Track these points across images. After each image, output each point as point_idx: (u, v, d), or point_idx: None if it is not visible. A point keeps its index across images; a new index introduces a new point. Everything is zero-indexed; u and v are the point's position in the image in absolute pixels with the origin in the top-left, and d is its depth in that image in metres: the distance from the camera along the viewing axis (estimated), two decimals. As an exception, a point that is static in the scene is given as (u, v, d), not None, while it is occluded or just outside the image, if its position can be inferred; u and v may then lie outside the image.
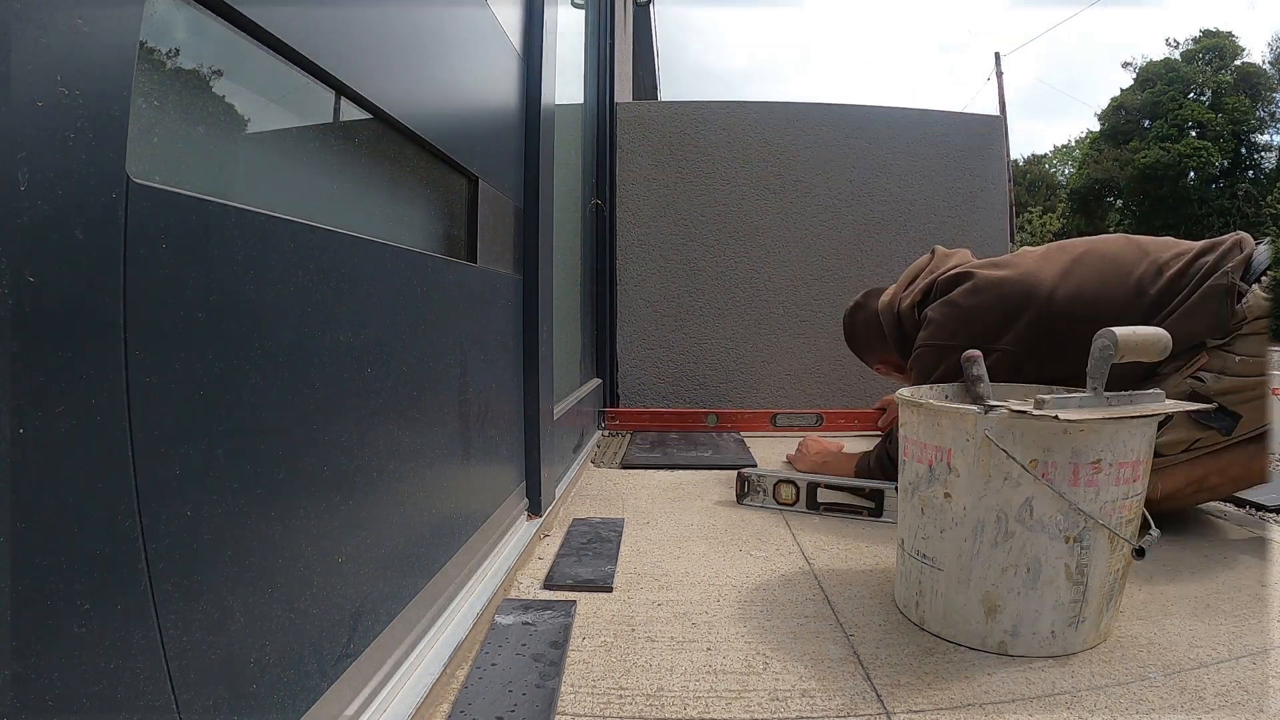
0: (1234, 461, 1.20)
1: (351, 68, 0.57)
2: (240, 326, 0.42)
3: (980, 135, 2.49)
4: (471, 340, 0.86)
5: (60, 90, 0.29)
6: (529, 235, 1.13)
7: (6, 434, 0.28)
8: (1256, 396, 1.20)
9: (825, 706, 0.65)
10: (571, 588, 0.93)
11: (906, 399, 0.84)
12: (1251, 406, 1.19)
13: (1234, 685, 0.68)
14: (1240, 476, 1.20)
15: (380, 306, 0.61)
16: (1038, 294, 1.32)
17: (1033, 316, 1.30)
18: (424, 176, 0.79)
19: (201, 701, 0.38)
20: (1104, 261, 1.35)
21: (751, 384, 2.44)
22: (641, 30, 5.52)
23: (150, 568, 0.35)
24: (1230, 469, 1.20)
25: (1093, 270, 1.33)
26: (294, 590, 0.48)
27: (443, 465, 0.77)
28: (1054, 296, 1.30)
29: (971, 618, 0.76)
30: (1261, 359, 1.20)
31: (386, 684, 0.61)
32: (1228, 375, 1.21)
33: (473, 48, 0.89)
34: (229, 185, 0.49)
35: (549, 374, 1.21)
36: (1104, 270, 1.33)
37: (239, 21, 0.44)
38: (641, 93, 6.26)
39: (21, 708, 0.28)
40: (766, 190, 2.44)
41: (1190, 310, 1.26)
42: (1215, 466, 1.20)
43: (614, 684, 0.69)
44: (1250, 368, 1.20)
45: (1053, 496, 0.72)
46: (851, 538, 1.15)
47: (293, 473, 0.48)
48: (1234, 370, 1.21)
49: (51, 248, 0.29)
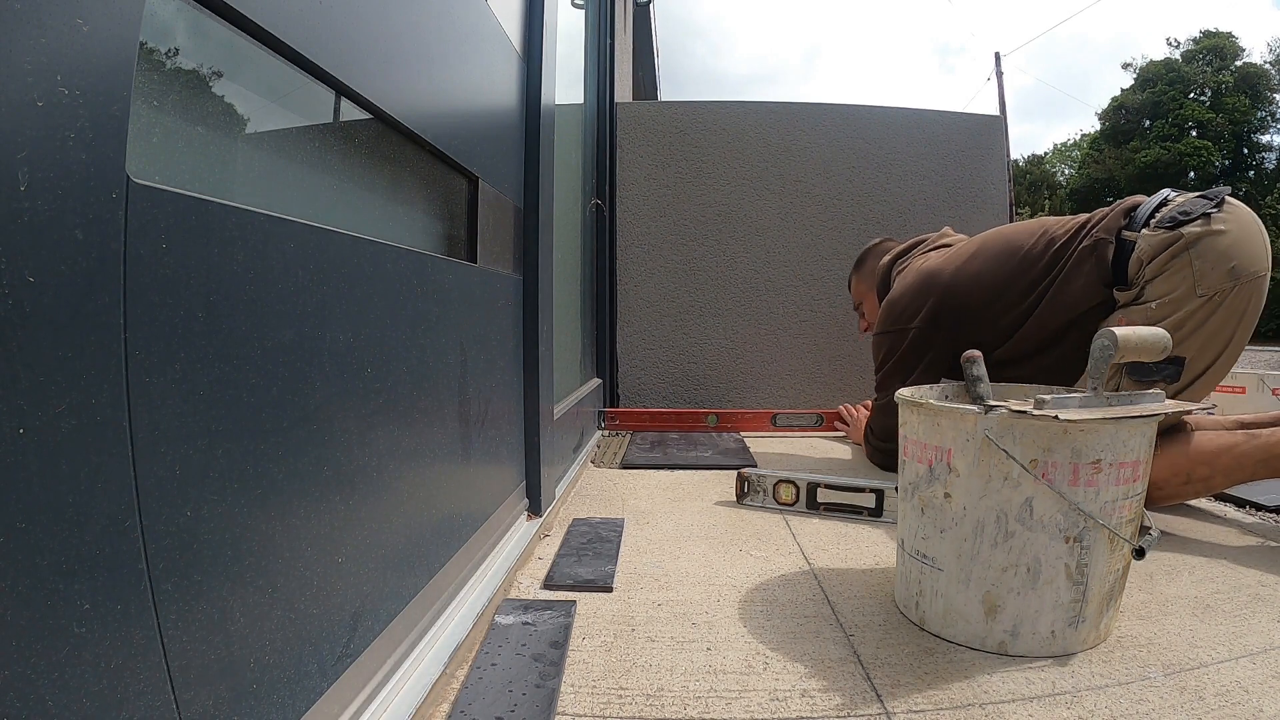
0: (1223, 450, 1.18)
1: (351, 68, 0.57)
2: (240, 326, 0.42)
3: (980, 135, 2.49)
4: (471, 340, 0.86)
5: (60, 90, 0.29)
6: (529, 235, 1.13)
7: (6, 434, 0.28)
8: (1192, 330, 1.18)
9: (825, 706, 0.65)
10: (571, 588, 0.93)
11: (906, 399, 0.84)
12: (1191, 342, 1.18)
13: (1234, 685, 0.68)
14: (1233, 468, 1.17)
15: (380, 306, 0.61)
16: (938, 281, 1.53)
17: (934, 301, 1.51)
18: (424, 176, 0.79)
19: (201, 701, 0.38)
20: (1002, 242, 1.47)
21: (751, 384, 2.44)
22: (641, 30, 5.52)
23: (150, 568, 0.35)
24: (1219, 459, 1.18)
25: (990, 253, 1.48)
26: (294, 590, 0.48)
27: (443, 465, 0.77)
28: (949, 281, 1.50)
29: (971, 618, 0.76)
30: (1177, 293, 1.18)
31: (386, 684, 0.61)
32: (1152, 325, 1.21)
33: (473, 48, 0.89)
34: (229, 185, 0.49)
35: (549, 374, 1.21)
36: (999, 251, 1.46)
37: (239, 21, 0.44)
38: (641, 93, 6.26)
39: (21, 707, 0.28)
40: (767, 190, 2.44)
41: (1068, 276, 1.31)
42: (1201, 456, 1.19)
43: (614, 684, 0.69)
44: (1170, 307, 1.19)
45: (1053, 496, 0.72)
46: (851, 538, 1.15)
47: (293, 473, 0.48)
48: (1155, 318, 1.19)
49: (51, 248, 0.29)
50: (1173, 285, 1.19)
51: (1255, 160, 24.87)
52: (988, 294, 1.43)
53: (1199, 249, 1.18)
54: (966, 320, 1.46)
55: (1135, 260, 1.23)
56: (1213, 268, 1.17)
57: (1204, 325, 1.18)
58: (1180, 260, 1.18)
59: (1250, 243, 1.18)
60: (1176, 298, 1.19)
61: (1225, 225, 1.18)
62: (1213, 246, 1.17)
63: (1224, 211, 1.20)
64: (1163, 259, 1.20)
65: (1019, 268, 1.39)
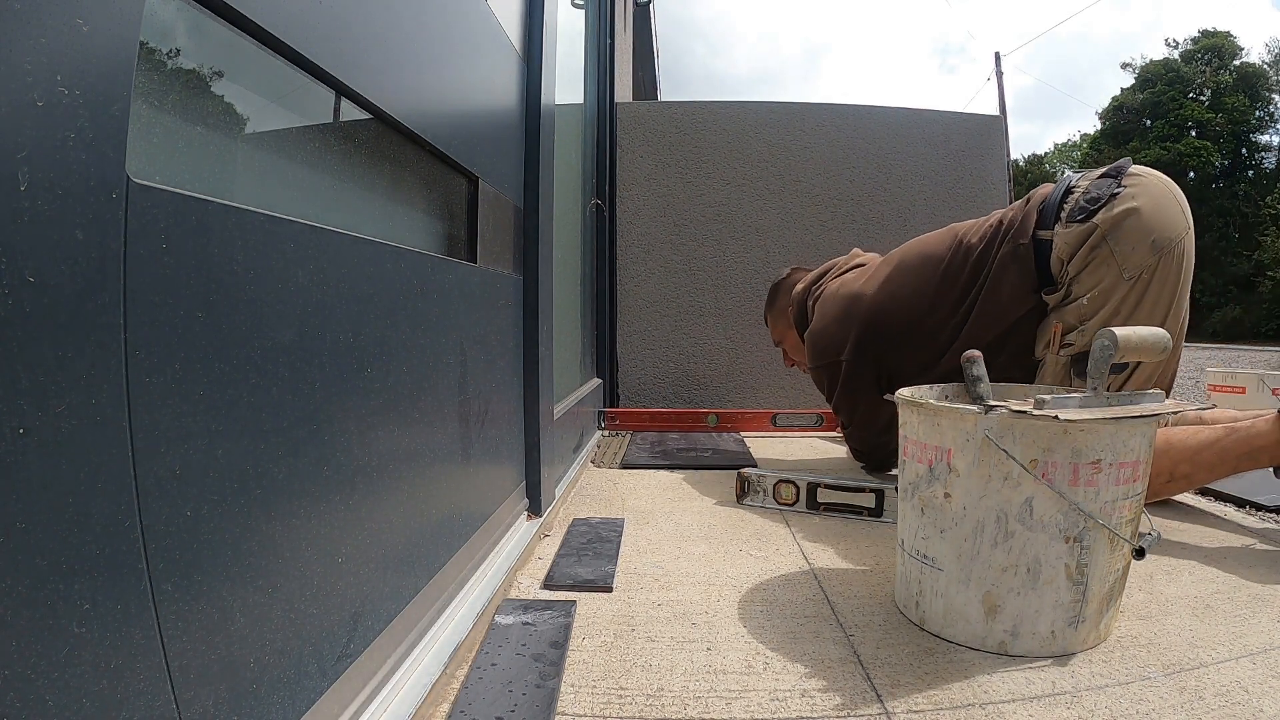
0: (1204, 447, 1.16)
1: (351, 68, 0.57)
2: (240, 326, 0.42)
3: (980, 135, 2.49)
4: (471, 340, 0.86)
5: (60, 90, 0.29)
6: (529, 235, 1.13)
7: (6, 434, 0.28)
8: (1126, 315, 1.16)
9: (825, 706, 0.65)
10: (571, 588, 0.93)
11: (906, 399, 0.84)
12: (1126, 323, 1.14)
13: (1234, 685, 0.68)
14: (1215, 463, 1.15)
15: (380, 306, 0.61)
16: (858, 307, 1.48)
17: (858, 329, 1.47)
18: (424, 176, 0.79)
19: (201, 701, 0.38)
20: (919, 257, 1.43)
21: (751, 384, 2.44)
22: (641, 30, 5.53)
23: (150, 568, 0.35)
24: (1201, 455, 1.16)
25: (908, 268, 1.44)
26: (294, 590, 0.48)
27: (443, 465, 0.77)
28: (871, 305, 1.46)
29: (971, 618, 0.76)
30: (1105, 282, 1.17)
31: (386, 684, 0.61)
32: (1088, 321, 1.18)
33: (473, 47, 0.89)
34: (229, 185, 0.49)
35: (549, 374, 1.21)
36: (917, 266, 1.42)
37: (239, 21, 0.44)
38: (642, 93, 6.26)
39: (22, 708, 0.28)
40: (767, 190, 2.44)
41: (993, 286, 1.29)
42: (1182, 453, 1.17)
43: (614, 684, 0.69)
44: (1101, 299, 1.17)
45: (1053, 496, 0.72)
46: (851, 538, 1.15)
47: (293, 473, 0.48)
48: (1089, 313, 1.18)
49: (51, 248, 0.29)
50: (1099, 277, 1.17)
51: (1254, 160, 24.90)
52: (913, 313, 1.39)
53: (1116, 235, 1.15)
54: (896, 341, 1.42)
55: (1055, 260, 1.21)
56: (1134, 248, 1.15)
57: (1138, 306, 1.16)
58: (1101, 251, 1.16)
59: (1165, 210, 1.16)
60: (1105, 287, 1.17)
61: (1135, 201, 1.16)
62: (1129, 228, 1.15)
63: (1129, 186, 1.17)
64: (1083, 254, 1.18)
65: (942, 282, 1.36)
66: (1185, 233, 1.16)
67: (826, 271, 1.70)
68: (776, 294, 1.88)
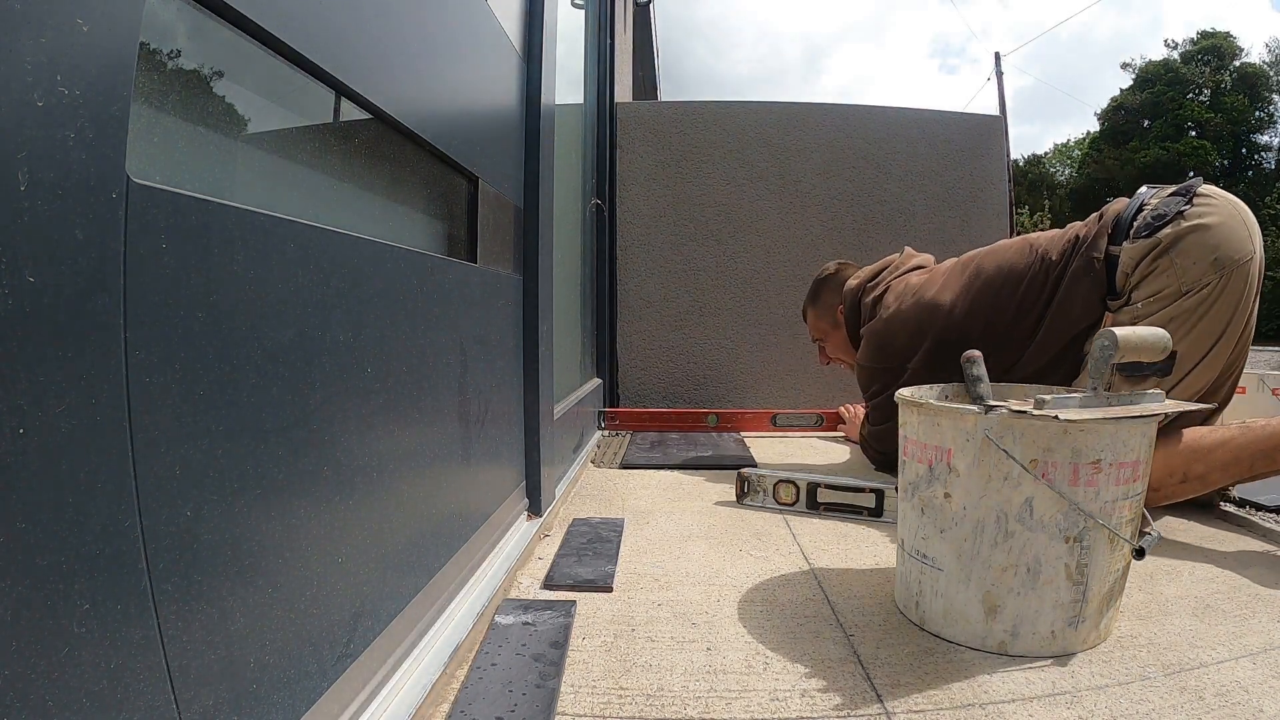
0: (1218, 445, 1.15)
1: (351, 68, 0.57)
2: (240, 326, 0.42)
3: (980, 135, 2.49)
4: (471, 340, 0.86)
5: (60, 90, 0.29)
6: (529, 235, 1.13)
7: (6, 434, 0.28)
8: (1182, 324, 1.17)
9: (825, 706, 0.65)
10: (571, 588, 0.93)
11: (906, 399, 0.84)
12: (1181, 335, 1.16)
13: (1234, 685, 0.68)
14: (1230, 462, 1.14)
15: (380, 306, 0.61)
16: (936, 318, 1.45)
17: (933, 344, 1.44)
18: (424, 176, 0.79)
19: (201, 701, 0.38)
20: (999, 273, 1.42)
21: (751, 384, 2.44)
22: (641, 30, 5.53)
23: (150, 568, 0.35)
24: (1215, 454, 1.15)
25: (988, 287, 1.42)
26: (294, 590, 0.48)
27: (443, 465, 0.77)
28: (949, 324, 1.42)
29: (971, 618, 0.76)
30: (1164, 292, 1.18)
31: (386, 684, 0.61)
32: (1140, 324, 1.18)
33: (473, 47, 0.89)
34: (229, 185, 0.49)
35: (549, 374, 1.21)
36: (998, 285, 1.40)
37: (239, 21, 0.44)
38: (642, 93, 6.26)
39: (21, 708, 0.28)
40: (767, 190, 2.44)
41: (1067, 298, 1.31)
42: (1196, 452, 1.17)
43: (614, 684, 0.69)
44: (1157, 304, 1.19)
45: (1053, 496, 0.72)
46: (851, 538, 1.15)
47: (293, 473, 0.48)
48: (1142, 315, 1.19)
49: (51, 248, 0.29)
50: (1158, 286, 1.19)
51: (1254, 160, 24.89)
52: (993, 328, 1.37)
53: (1179, 248, 1.18)
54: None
55: (1121, 274, 1.24)
56: (1195, 263, 1.17)
57: (1201, 321, 1.17)
58: (1162, 262, 1.19)
59: (1231, 231, 1.17)
60: (1163, 295, 1.19)
61: (1202, 219, 1.18)
62: (1191, 242, 1.17)
63: (1198, 205, 1.19)
64: (1144, 265, 1.20)
65: (1024, 299, 1.35)
66: (1249, 257, 1.18)
67: (882, 269, 1.67)
68: (821, 289, 1.81)
